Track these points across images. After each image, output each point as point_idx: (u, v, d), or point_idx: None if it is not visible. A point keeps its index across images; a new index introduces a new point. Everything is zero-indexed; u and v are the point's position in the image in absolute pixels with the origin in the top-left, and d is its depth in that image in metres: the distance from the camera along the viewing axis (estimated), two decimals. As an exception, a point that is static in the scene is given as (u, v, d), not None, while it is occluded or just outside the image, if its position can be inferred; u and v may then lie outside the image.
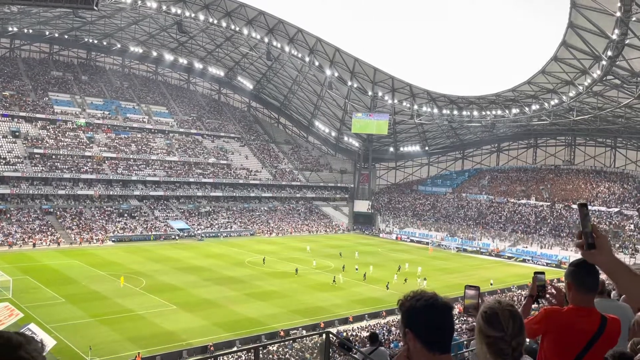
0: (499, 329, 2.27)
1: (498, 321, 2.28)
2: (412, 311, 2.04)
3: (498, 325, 2.27)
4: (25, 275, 42.84)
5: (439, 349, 2.01)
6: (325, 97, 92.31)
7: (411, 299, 2.07)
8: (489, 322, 2.29)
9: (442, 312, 2.03)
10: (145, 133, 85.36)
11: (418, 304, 2.04)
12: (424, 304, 2.03)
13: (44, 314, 32.78)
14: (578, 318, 2.84)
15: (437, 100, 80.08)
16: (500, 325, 2.27)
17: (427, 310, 2.01)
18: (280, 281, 46.70)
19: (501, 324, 2.27)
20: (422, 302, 2.03)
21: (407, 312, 2.05)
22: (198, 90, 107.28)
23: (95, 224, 66.24)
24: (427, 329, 2.01)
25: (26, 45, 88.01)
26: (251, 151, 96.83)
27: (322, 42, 77.01)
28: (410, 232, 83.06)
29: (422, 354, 2.01)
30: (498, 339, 2.25)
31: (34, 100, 78.61)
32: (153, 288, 41.41)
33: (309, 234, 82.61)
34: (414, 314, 2.03)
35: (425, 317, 2.01)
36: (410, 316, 2.04)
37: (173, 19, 73.01)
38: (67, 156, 71.67)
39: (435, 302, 2.03)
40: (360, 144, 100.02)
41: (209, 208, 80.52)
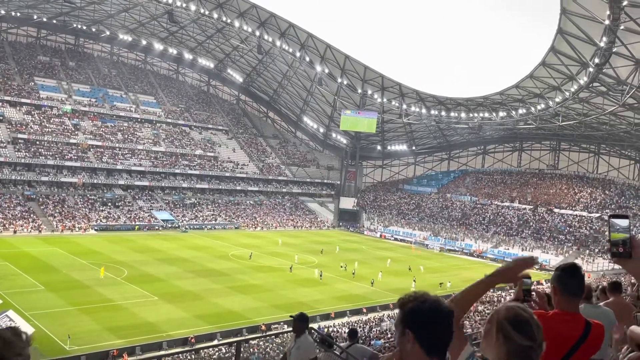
0: (530, 338, 2.12)
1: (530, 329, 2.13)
2: (416, 312, 1.99)
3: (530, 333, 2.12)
4: (5, 262, 42.30)
5: (437, 353, 1.99)
6: (314, 93, 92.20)
7: (415, 300, 2.01)
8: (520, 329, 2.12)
9: (447, 316, 2.00)
10: (132, 122, 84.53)
11: (424, 306, 1.99)
12: (429, 306, 1.98)
13: (22, 301, 32.42)
14: (563, 323, 2.83)
15: (426, 100, 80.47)
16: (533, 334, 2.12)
17: (433, 314, 1.98)
18: (264, 275, 46.72)
19: (533, 333, 2.13)
20: (427, 304, 1.99)
21: (410, 313, 2.00)
22: (187, 81, 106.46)
23: (78, 212, 65.54)
24: (431, 332, 1.98)
25: (13, 28, 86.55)
26: (239, 144, 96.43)
27: (314, 37, 76.87)
28: (394, 230, 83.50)
29: (419, 357, 1.97)
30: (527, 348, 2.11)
31: (19, 85, 77.40)
32: (135, 278, 41.17)
33: (294, 229, 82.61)
34: (418, 315, 1.99)
35: (430, 320, 1.98)
36: (413, 317, 1.99)
37: (164, 8, 72.28)
38: (52, 142, 70.74)
39: (440, 305, 2.00)
40: (348, 141, 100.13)
41: (194, 200, 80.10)
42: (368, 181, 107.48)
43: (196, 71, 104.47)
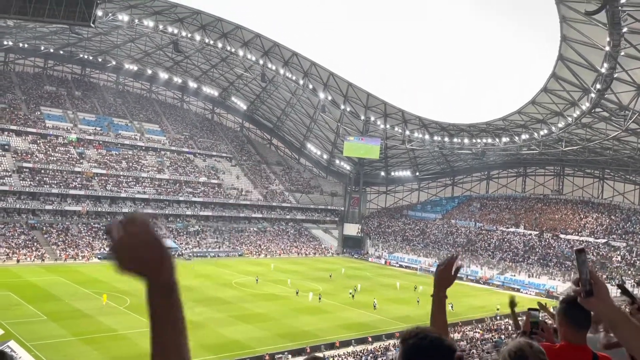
0: None
1: None
2: (416, 349, 1.95)
3: None
4: (7, 291, 42.04)
5: None
6: (318, 120, 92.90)
7: (415, 337, 1.96)
8: None
9: (448, 353, 1.94)
10: (136, 150, 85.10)
11: (423, 343, 1.93)
12: (429, 343, 1.93)
13: (24, 332, 32.07)
14: (571, 355, 2.81)
15: (429, 126, 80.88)
16: None
17: (434, 351, 1.93)
18: (267, 303, 46.21)
19: None
20: (427, 341, 1.93)
21: (410, 349, 1.95)
22: (192, 109, 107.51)
23: (81, 240, 65.44)
24: None
25: (21, 59, 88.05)
26: (242, 171, 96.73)
27: (317, 65, 77.87)
28: (399, 257, 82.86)
29: None
30: None
31: (25, 114, 78.31)
32: (137, 307, 40.70)
33: (298, 256, 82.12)
34: (419, 352, 1.94)
35: (430, 357, 1.93)
36: (413, 354, 1.95)
37: (169, 39, 73.59)
38: (57, 171, 71.13)
39: (441, 343, 1.93)
40: (351, 167, 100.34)
41: (198, 227, 79.96)
42: (372, 207, 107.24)
43: (201, 99, 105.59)
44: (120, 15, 64.11)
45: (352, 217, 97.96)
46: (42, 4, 24.32)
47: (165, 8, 68.50)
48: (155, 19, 68.81)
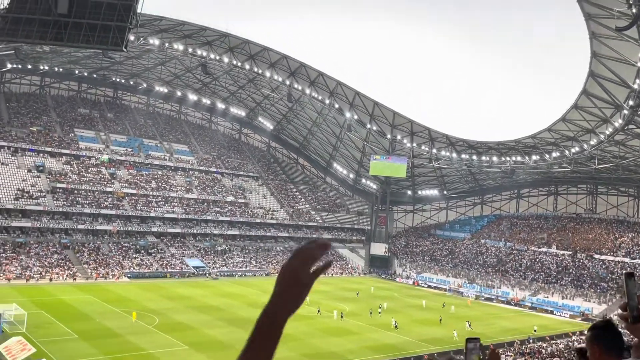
0: None
1: None
2: None
3: None
4: (40, 310, 42.90)
5: None
6: (344, 139, 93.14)
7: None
8: None
9: None
10: (166, 170, 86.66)
11: None
12: None
13: (56, 350, 32.59)
14: None
15: (456, 144, 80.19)
16: None
17: None
18: (293, 323, 45.73)
19: None
20: None
21: None
22: (219, 129, 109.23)
23: (112, 259, 66.55)
24: None
25: (56, 83, 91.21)
26: (269, 190, 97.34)
27: (343, 85, 78.38)
28: (427, 277, 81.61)
29: None
30: None
31: (60, 136, 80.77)
32: (166, 326, 41.05)
33: (324, 275, 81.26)
34: None
35: None
36: None
37: (198, 61, 75.25)
38: (89, 191, 72.85)
39: None
40: (378, 186, 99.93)
41: (225, 246, 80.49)
42: (399, 226, 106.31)
43: (228, 120, 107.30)
44: (151, 40, 65.95)
45: (379, 237, 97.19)
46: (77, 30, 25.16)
47: (195, 31, 70.24)
48: (185, 42, 70.57)
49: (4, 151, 72.40)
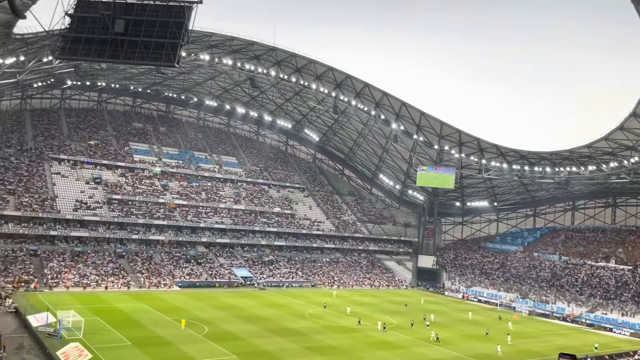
0: None
1: None
2: None
3: None
4: (96, 317, 44.50)
5: None
6: (390, 150, 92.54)
7: None
8: None
9: None
10: (215, 182, 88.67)
11: None
12: None
13: (111, 356, 33.66)
14: None
15: (507, 155, 78.11)
16: None
17: None
18: (340, 336, 45.65)
19: None
20: None
21: None
22: (266, 141, 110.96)
23: (163, 268, 68.42)
24: None
25: (112, 98, 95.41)
26: (315, 202, 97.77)
27: (389, 96, 78.06)
28: (477, 291, 79.40)
29: None
30: None
31: (115, 149, 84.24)
32: (215, 336, 41.69)
33: (370, 287, 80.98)
34: None
35: None
36: None
37: (247, 75, 76.88)
38: (142, 202, 75.41)
39: None
40: (425, 197, 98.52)
41: (272, 257, 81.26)
42: (447, 238, 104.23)
43: (275, 132, 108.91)
44: (201, 55, 67.97)
45: (427, 249, 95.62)
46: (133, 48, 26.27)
47: (243, 46, 71.90)
48: (234, 57, 72.33)
49: (64, 164, 76.16)
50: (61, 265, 61.48)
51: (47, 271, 59.34)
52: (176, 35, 25.43)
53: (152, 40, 25.58)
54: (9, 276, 55.77)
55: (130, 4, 25.89)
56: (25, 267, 58.79)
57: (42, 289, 55.51)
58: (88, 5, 26.08)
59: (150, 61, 26.35)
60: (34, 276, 57.45)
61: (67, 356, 31.65)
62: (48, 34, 41.47)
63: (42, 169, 73.30)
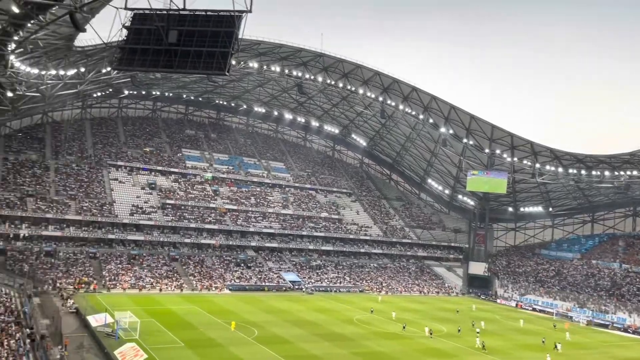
0: None
1: None
2: None
3: None
4: (151, 318, 46.02)
5: None
6: (438, 154, 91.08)
7: None
8: None
9: None
10: (263, 187, 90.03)
11: None
12: None
13: (165, 357, 34.71)
14: None
15: (562, 158, 75.25)
16: None
17: None
18: (389, 342, 45.21)
19: None
20: None
21: None
22: (314, 147, 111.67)
23: (215, 272, 69.98)
24: None
25: (166, 106, 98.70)
26: (362, 207, 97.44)
27: (437, 99, 76.93)
28: (532, 299, 76.69)
29: None
30: None
31: (169, 156, 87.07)
32: (264, 339, 42.24)
33: (419, 294, 79.77)
34: None
35: None
36: None
37: (294, 81, 77.74)
38: (194, 207, 77.52)
39: None
40: (475, 202, 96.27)
41: (320, 262, 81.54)
42: (500, 245, 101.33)
43: (322, 137, 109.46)
44: (250, 63, 69.31)
45: (478, 255, 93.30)
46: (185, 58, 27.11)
47: (291, 53, 72.80)
48: (282, 64, 73.35)
49: (121, 170, 79.40)
50: (118, 268, 64.00)
51: (105, 273, 61.95)
52: (226, 44, 26.05)
53: (204, 50, 26.30)
54: (70, 277, 58.60)
55: (183, 15, 26.75)
56: (85, 269, 61.60)
57: (101, 290, 57.96)
58: (143, 17, 27.13)
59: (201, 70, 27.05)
60: (93, 278, 60.08)
61: (124, 356, 32.90)
62: (106, 46, 43.50)
63: (101, 175, 76.70)
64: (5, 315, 35.33)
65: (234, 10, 25.26)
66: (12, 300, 42.03)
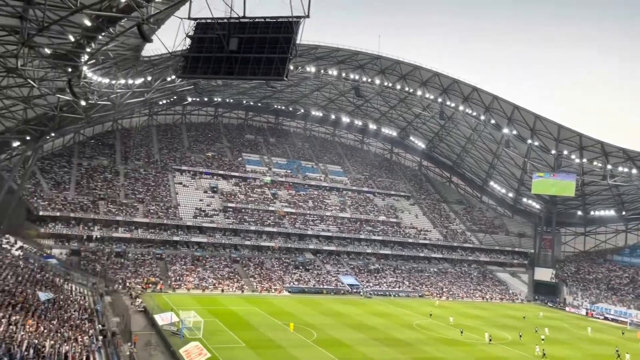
0: None
1: None
2: None
3: None
4: (214, 318, 47.32)
5: None
6: (501, 156, 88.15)
7: None
8: None
9: None
10: (321, 190, 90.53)
11: None
12: None
13: (227, 357, 35.56)
14: None
15: (636, 159, 70.82)
16: None
17: None
18: (450, 349, 44.15)
19: None
20: None
21: None
22: (371, 150, 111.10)
23: (274, 274, 71.06)
24: None
25: (227, 112, 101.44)
26: (421, 210, 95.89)
27: (499, 99, 74.51)
28: (603, 307, 72.59)
29: None
30: None
31: (230, 160, 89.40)
32: (323, 342, 42.37)
33: (482, 300, 77.43)
34: None
35: None
36: None
37: (351, 84, 77.75)
38: (254, 210, 79.12)
39: None
40: (541, 206, 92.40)
41: (378, 266, 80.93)
42: (568, 250, 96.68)
43: (379, 140, 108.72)
44: (308, 67, 69.98)
45: (544, 261, 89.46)
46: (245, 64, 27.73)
47: (348, 56, 72.87)
48: (339, 68, 73.54)
49: (185, 174, 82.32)
50: (183, 269, 66.31)
51: (171, 274, 64.35)
52: (285, 50, 26.43)
53: (263, 56, 26.82)
54: (138, 277, 61.30)
55: (243, 23, 27.40)
56: (152, 269, 64.25)
57: (167, 290, 60.25)
58: (206, 26, 28.03)
59: (261, 76, 27.56)
60: (160, 278, 62.55)
61: (189, 354, 33.97)
62: (171, 55, 45.31)
63: (167, 179, 79.84)
64: (80, 312, 37.41)
65: (292, 16, 25.58)
66: (85, 299, 44.49)
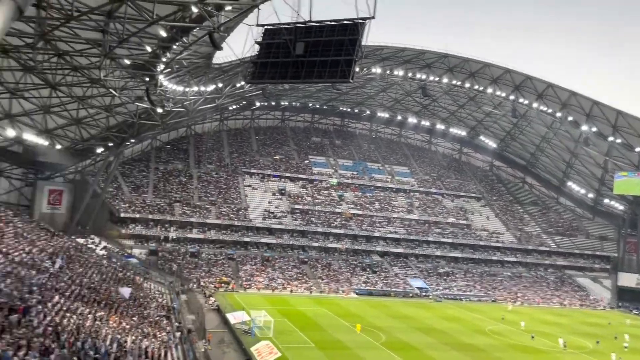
0: None
1: None
2: None
3: None
4: (283, 318, 48.16)
5: None
6: (580, 155, 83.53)
7: None
8: None
9: None
10: (387, 192, 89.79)
11: None
12: None
13: (297, 356, 36.11)
14: None
15: None
16: None
17: None
18: (522, 355, 42.39)
19: None
20: None
21: None
22: (439, 150, 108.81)
23: (341, 275, 71.29)
24: None
25: (293, 116, 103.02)
26: (493, 212, 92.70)
27: (577, 95, 70.70)
28: (698, 318, 66.86)
29: None
30: None
31: (297, 163, 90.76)
32: (391, 344, 42.00)
33: (559, 306, 73.65)
34: None
35: None
36: None
37: (418, 84, 76.58)
38: (321, 212, 79.81)
39: None
40: (625, 207, 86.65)
41: (447, 269, 79.06)
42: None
43: (448, 140, 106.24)
44: (373, 69, 69.66)
45: (629, 266, 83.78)
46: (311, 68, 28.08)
47: (414, 56, 71.84)
48: (405, 68, 72.64)
49: (254, 177, 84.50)
50: (253, 269, 68.05)
51: (242, 274, 66.22)
52: (350, 52, 26.51)
53: (329, 59, 27.04)
54: (211, 277, 63.58)
55: (309, 27, 27.79)
56: (224, 269, 66.41)
57: (238, 289, 62.04)
58: (273, 32, 28.70)
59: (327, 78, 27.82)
60: (231, 278, 64.55)
61: (260, 352, 34.81)
62: (240, 61, 46.71)
63: (237, 182, 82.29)
64: (158, 310, 39.35)
65: (358, 18, 25.61)
66: (163, 297, 46.73)
